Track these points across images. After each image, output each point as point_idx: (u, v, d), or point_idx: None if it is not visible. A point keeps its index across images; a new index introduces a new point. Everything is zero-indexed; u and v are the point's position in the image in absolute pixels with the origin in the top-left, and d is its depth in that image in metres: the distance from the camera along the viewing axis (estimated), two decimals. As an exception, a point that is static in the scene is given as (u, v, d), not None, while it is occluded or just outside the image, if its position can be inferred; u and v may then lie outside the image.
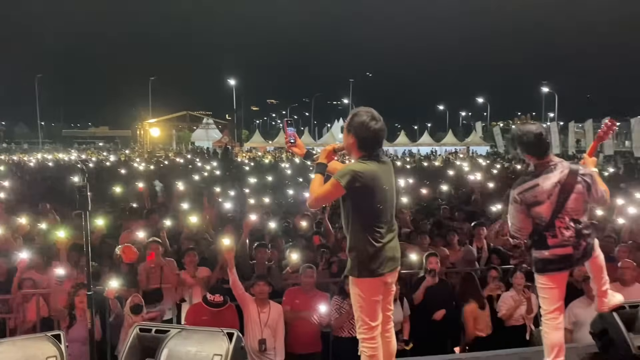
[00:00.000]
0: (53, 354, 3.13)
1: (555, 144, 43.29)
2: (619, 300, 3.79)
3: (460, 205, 11.30)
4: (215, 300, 5.42)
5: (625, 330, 3.75)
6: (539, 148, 3.41)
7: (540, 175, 3.39)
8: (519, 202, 3.41)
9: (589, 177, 3.41)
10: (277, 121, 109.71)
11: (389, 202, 3.31)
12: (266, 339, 5.31)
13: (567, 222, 3.35)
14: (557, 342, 3.39)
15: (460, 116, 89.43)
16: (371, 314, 3.27)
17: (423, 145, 50.60)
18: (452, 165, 23.36)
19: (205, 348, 3.21)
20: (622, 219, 8.24)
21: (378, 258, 3.21)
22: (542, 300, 3.48)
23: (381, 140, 3.30)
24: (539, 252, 3.42)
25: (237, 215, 9.66)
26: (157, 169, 20.90)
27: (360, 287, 3.26)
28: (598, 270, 3.59)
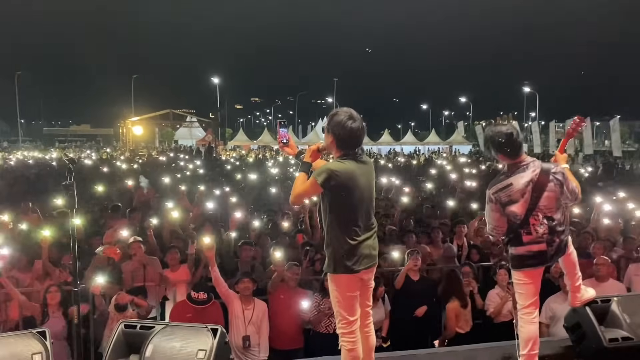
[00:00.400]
0: (38, 350, 3.16)
1: (536, 143, 43.92)
2: (591, 295, 3.93)
3: (442, 204, 11.47)
4: (199, 297, 5.46)
5: (597, 323, 3.87)
6: (511, 148, 3.49)
7: (513, 175, 3.48)
8: (494, 202, 3.51)
9: (560, 175, 3.51)
10: (260, 119, 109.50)
11: (367, 201, 3.38)
12: (250, 336, 5.38)
13: (541, 220, 3.45)
14: (532, 335, 3.50)
15: (444, 115, 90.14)
16: (348, 309, 3.35)
17: (406, 144, 50.89)
18: (434, 164, 23.59)
19: (190, 344, 3.27)
20: (599, 216, 8.46)
21: (354, 255, 3.28)
22: (518, 295, 3.60)
23: (359, 140, 3.35)
24: (515, 248, 3.53)
25: (219, 214, 9.69)
26: (140, 167, 20.81)
27: (336, 283, 3.35)
28: (571, 267, 3.72)
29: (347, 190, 3.26)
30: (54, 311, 5.28)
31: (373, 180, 3.46)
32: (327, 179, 3.21)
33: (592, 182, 14.64)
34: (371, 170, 3.45)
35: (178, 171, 18.06)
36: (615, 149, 32.41)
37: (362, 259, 3.31)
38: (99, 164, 22.63)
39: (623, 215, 9.22)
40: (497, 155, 3.58)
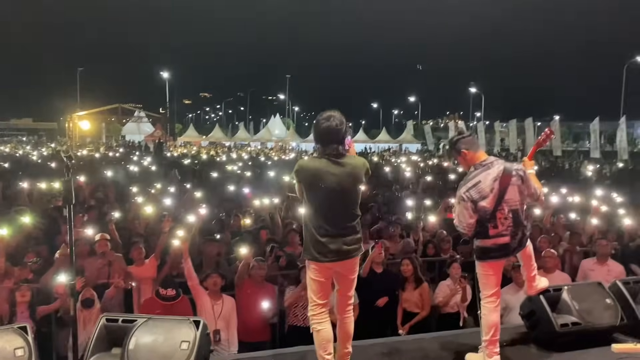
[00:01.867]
0: (21, 345, 3.19)
1: (481, 142, 45.37)
2: (545, 284, 4.28)
3: (396, 200, 11.85)
4: (168, 294, 5.49)
5: (550, 310, 4.22)
6: (476, 144, 3.92)
7: (480, 173, 3.78)
8: (466, 200, 3.75)
9: (522, 172, 3.86)
10: (210, 115, 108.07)
11: (336, 202, 3.52)
12: (220, 330, 5.47)
13: (506, 213, 3.76)
14: (494, 322, 3.80)
15: (393, 114, 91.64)
16: (315, 293, 3.62)
17: (358, 142, 51.39)
18: (387, 162, 24.09)
19: (173, 336, 3.37)
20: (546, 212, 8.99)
21: (319, 247, 3.52)
22: (481, 285, 3.88)
23: (328, 138, 3.49)
24: (481, 241, 3.80)
25: (177, 210, 9.67)
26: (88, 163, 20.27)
27: (308, 268, 3.65)
28: (528, 258, 4.04)
29: (310, 185, 3.49)
30: (22, 311, 5.19)
31: (348, 183, 3.52)
32: (295, 173, 3.53)
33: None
34: (348, 173, 3.51)
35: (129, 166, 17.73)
36: (555, 148, 33.87)
37: (327, 252, 3.51)
38: (47, 159, 21.87)
39: (566, 211, 9.83)
40: (464, 152, 3.89)
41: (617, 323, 4.31)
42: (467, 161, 3.92)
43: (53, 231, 7.72)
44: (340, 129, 3.49)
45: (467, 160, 3.91)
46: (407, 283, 6.24)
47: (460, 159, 3.96)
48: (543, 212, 9.00)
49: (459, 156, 3.95)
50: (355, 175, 3.55)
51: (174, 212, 9.15)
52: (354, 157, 3.62)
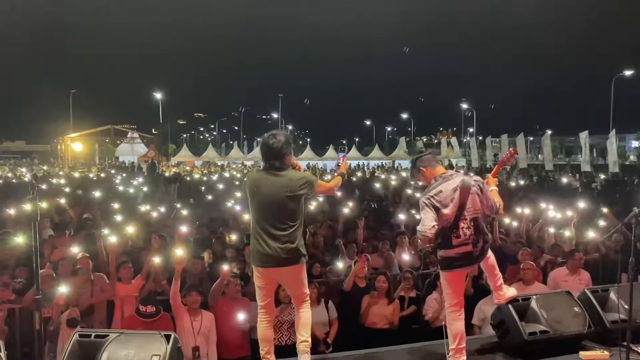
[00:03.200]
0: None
1: (474, 157, 45.72)
2: (513, 294, 4.39)
3: (385, 215, 11.96)
4: (148, 311, 5.54)
5: (518, 319, 4.31)
6: (434, 161, 4.16)
7: (441, 184, 3.97)
8: (428, 205, 3.91)
9: (480, 183, 4.04)
10: (205, 135, 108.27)
11: (269, 210, 3.90)
12: (199, 346, 5.51)
13: (468, 222, 3.89)
14: (459, 331, 3.90)
15: (387, 131, 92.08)
16: (257, 295, 4.12)
17: (350, 159, 51.64)
18: (377, 178, 24.20)
19: (144, 350, 3.44)
20: (527, 226, 9.12)
21: (258, 253, 3.94)
22: (445, 295, 3.99)
23: (266, 153, 3.97)
24: (445, 251, 3.92)
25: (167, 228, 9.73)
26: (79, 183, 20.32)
27: (254, 272, 4.12)
28: (491, 268, 4.15)
29: (251, 194, 3.95)
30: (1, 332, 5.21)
31: (281, 192, 3.88)
32: (243, 183, 4.05)
33: (525, 195, 15.51)
34: (283, 184, 3.89)
35: (119, 187, 17.79)
36: (547, 162, 34.13)
37: (263, 258, 3.92)
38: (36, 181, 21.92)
39: (549, 224, 9.95)
40: (424, 169, 4.11)
41: (585, 331, 4.41)
42: (426, 177, 4.13)
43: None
44: (278, 147, 3.91)
45: (426, 176, 4.13)
46: (379, 298, 6.31)
47: (420, 176, 4.20)
48: (525, 226, 9.13)
49: (419, 173, 4.19)
50: (290, 186, 3.89)
51: (162, 231, 9.25)
52: (293, 171, 4.02)
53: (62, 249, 7.48)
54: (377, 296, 6.33)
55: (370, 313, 6.30)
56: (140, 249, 7.93)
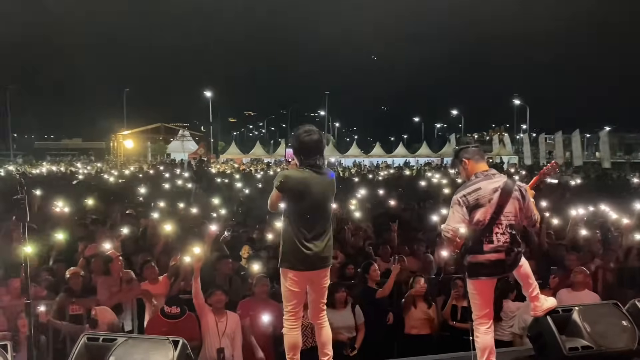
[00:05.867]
0: (-2, 363, 3.20)
1: (526, 155, 44.29)
2: (551, 304, 4.02)
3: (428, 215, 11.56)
4: (172, 312, 5.50)
5: (557, 333, 3.94)
6: (479, 155, 3.81)
7: (481, 181, 3.66)
8: (460, 205, 3.61)
9: (523, 189, 3.69)
10: (254, 132, 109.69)
11: (318, 210, 3.74)
12: (224, 348, 5.39)
13: (504, 228, 3.57)
14: (488, 344, 3.58)
15: (436, 128, 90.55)
16: (289, 300, 3.83)
17: (398, 157, 51.05)
18: (424, 176, 23.67)
19: (151, 355, 3.32)
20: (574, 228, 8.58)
21: (299, 255, 3.68)
22: (473, 305, 3.68)
23: (311, 151, 3.75)
24: (474, 256, 3.61)
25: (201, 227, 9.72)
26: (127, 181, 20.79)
27: (283, 277, 3.81)
28: (525, 277, 3.81)
29: (297, 195, 3.68)
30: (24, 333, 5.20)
31: (328, 192, 3.81)
32: (281, 182, 3.67)
33: (579, 194, 14.74)
34: (328, 183, 3.80)
35: (167, 183, 18.04)
36: (604, 160, 32.67)
37: (306, 260, 3.69)
38: (91, 178, 22.65)
39: (604, 226, 9.35)
40: (466, 162, 3.80)
41: (635, 347, 3.98)
42: (467, 171, 3.82)
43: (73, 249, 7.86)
44: (320, 142, 3.75)
45: (467, 169, 3.82)
46: (417, 301, 6.03)
47: (461, 168, 3.88)
48: (573, 227, 8.61)
49: (461, 165, 3.87)
50: (332, 186, 3.84)
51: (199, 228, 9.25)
52: (327, 169, 3.84)
53: (96, 245, 7.53)
54: (416, 300, 6.07)
55: (409, 318, 6.05)
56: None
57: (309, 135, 3.72)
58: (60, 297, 5.86)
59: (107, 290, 6.27)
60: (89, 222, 9.36)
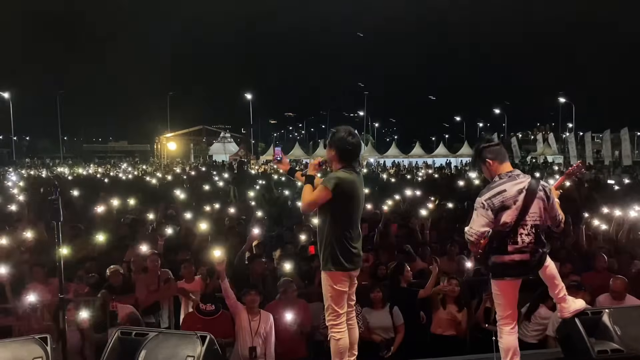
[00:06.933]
0: (39, 354, 3.40)
1: (572, 155, 42.99)
2: (579, 306, 3.95)
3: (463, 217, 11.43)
4: (207, 309, 5.66)
5: (586, 335, 3.88)
6: (503, 155, 3.74)
7: (506, 183, 3.60)
8: (485, 208, 3.55)
9: (547, 189, 3.63)
10: (294, 134, 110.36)
11: (360, 210, 3.90)
12: (257, 347, 5.51)
13: (529, 229, 3.54)
14: (511, 345, 3.56)
15: (478, 127, 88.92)
16: (339, 303, 3.84)
17: (438, 157, 50.43)
18: (463, 176, 23.34)
19: (180, 350, 3.46)
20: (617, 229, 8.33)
21: (348, 255, 3.79)
22: (497, 306, 3.65)
23: (357, 153, 3.89)
24: (498, 257, 3.58)
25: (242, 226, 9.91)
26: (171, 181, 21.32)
27: (333, 280, 3.82)
28: (551, 279, 3.76)
29: (349, 197, 3.77)
30: (69, 325, 5.46)
31: (364, 195, 3.95)
32: (336, 185, 3.71)
33: (627, 194, 14.24)
34: (362, 183, 3.94)
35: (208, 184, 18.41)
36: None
37: (353, 258, 3.82)
38: (135, 180, 23.35)
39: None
40: (489, 162, 3.72)
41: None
42: (491, 171, 3.74)
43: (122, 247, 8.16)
44: (361, 143, 3.90)
45: (491, 170, 3.73)
46: (447, 302, 6.00)
47: (484, 168, 3.78)
48: (616, 229, 8.36)
49: (483, 165, 3.78)
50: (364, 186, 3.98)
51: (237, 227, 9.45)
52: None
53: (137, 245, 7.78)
54: (447, 301, 6.05)
55: (436, 317, 6.04)
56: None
57: (353, 138, 3.82)
58: (101, 294, 6.12)
59: (145, 288, 6.48)
60: (130, 222, 9.68)
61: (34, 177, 26.21)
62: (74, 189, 14.02)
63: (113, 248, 7.90)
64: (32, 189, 16.96)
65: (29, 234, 8.09)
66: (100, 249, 7.81)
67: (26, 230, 8.23)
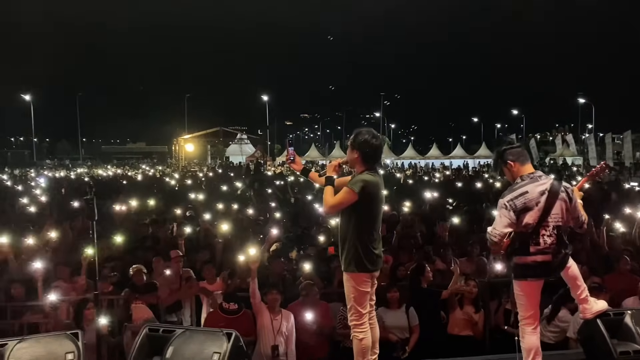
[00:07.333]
0: (72, 349, 3.50)
1: (592, 156, 42.44)
2: (601, 307, 3.96)
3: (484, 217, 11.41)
4: (230, 307, 5.75)
5: (608, 336, 3.88)
6: (524, 157, 3.77)
7: (528, 184, 3.63)
8: (508, 209, 3.59)
9: (570, 190, 3.66)
10: (309, 135, 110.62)
11: (381, 211, 4.00)
12: (279, 345, 5.59)
13: (551, 230, 3.57)
14: (533, 345, 3.59)
15: (496, 128, 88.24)
16: (362, 303, 3.91)
17: (455, 158, 50.12)
18: (481, 178, 23.21)
19: (206, 347, 3.54)
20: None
21: (372, 257, 3.85)
22: (519, 306, 3.68)
23: (380, 155, 3.95)
24: (520, 258, 3.62)
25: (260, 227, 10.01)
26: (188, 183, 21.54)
27: (356, 281, 3.87)
28: (573, 279, 3.78)
29: (374, 199, 3.82)
30: (88, 324, 5.46)
31: (383, 194, 4.04)
32: (363, 188, 3.74)
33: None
34: (383, 184, 3.98)
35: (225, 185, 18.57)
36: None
37: (375, 260, 3.89)
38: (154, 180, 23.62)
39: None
40: (511, 163, 3.76)
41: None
42: (512, 173, 3.78)
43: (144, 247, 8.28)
44: (382, 146, 4.00)
45: (512, 171, 3.78)
46: (465, 303, 6.02)
47: (505, 169, 3.82)
48: (637, 232, 8.28)
49: (505, 167, 3.81)
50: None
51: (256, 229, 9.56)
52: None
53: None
54: (464, 301, 6.07)
55: (453, 317, 6.07)
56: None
57: (376, 140, 3.88)
58: (125, 293, 6.26)
59: (167, 287, 6.59)
60: (148, 222, 9.84)
61: (61, 179, 26.66)
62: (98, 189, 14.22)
63: (135, 248, 8.02)
64: (54, 190, 17.30)
65: (53, 233, 8.25)
66: (123, 249, 7.95)
67: (51, 230, 8.39)
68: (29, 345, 3.47)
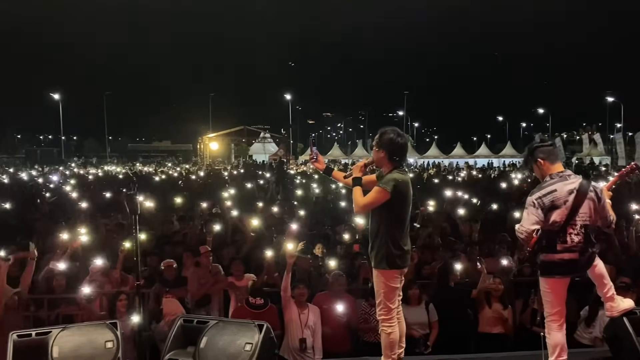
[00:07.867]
0: (111, 338, 3.68)
1: (621, 155, 41.61)
2: (628, 305, 3.98)
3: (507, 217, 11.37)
4: (257, 302, 5.90)
5: (634, 335, 3.90)
6: (554, 155, 3.84)
7: (557, 182, 3.69)
8: (536, 207, 3.65)
9: (598, 190, 3.70)
10: (332, 134, 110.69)
11: (410, 209, 4.04)
12: (306, 339, 5.73)
13: (578, 229, 3.61)
14: (559, 342, 3.64)
15: (521, 127, 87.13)
16: (392, 299, 4.00)
17: (480, 157, 49.67)
18: (505, 177, 23.02)
19: (239, 337, 3.68)
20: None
21: (402, 254, 3.95)
22: (545, 303, 3.74)
23: (405, 154, 4.03)
24: (547, 255, 3.67)
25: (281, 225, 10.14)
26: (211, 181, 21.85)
27: (386, 277, 3.96)
28: (600, 278, 3.81)
29: (404, 198, 3.90)
30: (121, 316, 5.62)
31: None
32: (395, 187, 3.82)
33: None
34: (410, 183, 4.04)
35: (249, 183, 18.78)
36: None
37: (405, 257, 4.00)
38: (179, 178, 23.99)
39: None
40: (540, 162, 3.81)
41: None
42: (542, 171, 3.83)
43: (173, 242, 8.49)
44: (407, 144, 4.08)
45: (542, 169, 3.83)
46: (493, 301, 6.07)
47: (535, 167, 3.88)
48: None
49: (535, 164, 3.87)
50: None
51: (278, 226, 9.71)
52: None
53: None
54: (492, 299, 6.12)
55: (482, 316, 6.12)
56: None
57: (402, 139, 3.98)
58: (155, 287, 6.44)
59: (196, 281, 6.76)
60: (175, 219, 10.06)
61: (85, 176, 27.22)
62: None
63: (165, 243, 8.23)
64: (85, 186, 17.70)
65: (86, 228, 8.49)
66: (154, 244, 8.16)
67: (84, 225, 8.63)
68: (71, 334, 3.65)
